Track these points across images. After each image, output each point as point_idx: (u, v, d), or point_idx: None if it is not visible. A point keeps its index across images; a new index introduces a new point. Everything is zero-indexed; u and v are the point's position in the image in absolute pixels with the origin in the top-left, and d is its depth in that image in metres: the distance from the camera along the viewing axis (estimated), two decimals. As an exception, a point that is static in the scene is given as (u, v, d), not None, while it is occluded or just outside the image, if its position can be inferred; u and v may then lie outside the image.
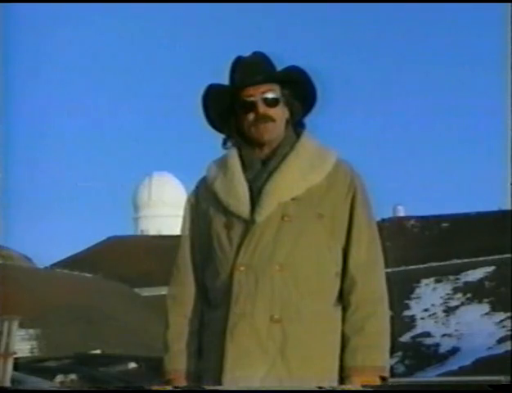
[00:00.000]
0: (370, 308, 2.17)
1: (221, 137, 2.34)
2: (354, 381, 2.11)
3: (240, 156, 2.26)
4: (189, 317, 2.26)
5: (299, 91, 2.27)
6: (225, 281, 2.15)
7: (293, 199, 2.17)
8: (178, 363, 2.24)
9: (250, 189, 2.20)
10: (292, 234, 2.14)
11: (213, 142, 2.35)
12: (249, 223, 2.15)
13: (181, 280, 2.30)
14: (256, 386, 2.06)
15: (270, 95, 2.22)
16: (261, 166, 2.23)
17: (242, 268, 2.12)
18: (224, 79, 2.28)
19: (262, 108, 2.21)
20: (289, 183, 2.18)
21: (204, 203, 2.29)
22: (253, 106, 2.21)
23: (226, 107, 2.26)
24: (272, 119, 2.21)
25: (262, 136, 2.22)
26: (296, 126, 2.30)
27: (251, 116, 2.22)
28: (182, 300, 2.28)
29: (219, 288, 2.17)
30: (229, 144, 2.31)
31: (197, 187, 2.35)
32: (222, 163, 2.29)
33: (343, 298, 2.21)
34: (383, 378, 2.14)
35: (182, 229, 2.35)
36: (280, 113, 2.25)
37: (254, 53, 2.26)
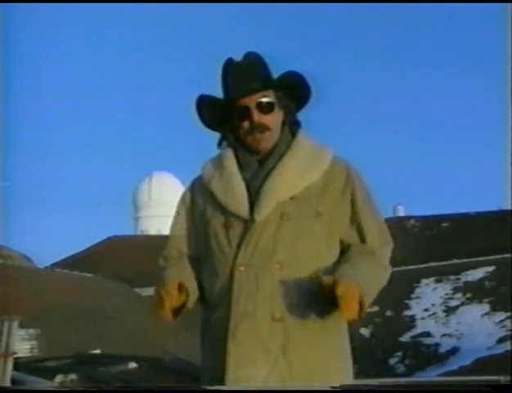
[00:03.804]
0: (372, 258, 2.17)
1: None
2: (336, 288, 1.97)
3: (236, 156, 2.25)
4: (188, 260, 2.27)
5: (294, 93, 2.24)
6: (224, 281, 2.14)
7: (291, 198, 2.16)
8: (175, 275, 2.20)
9: (248, 189, 2.18)
10: (291, 233, 2.14)
11: (212, 142, 2.34)
12: (248, 223, 2.14)
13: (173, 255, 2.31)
14: (258, 385, 2.06)
15: (264, 100, 2.19)
16: (258, 166, 2.22)
17: (242, 268, 2.11)
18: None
19: (256, 116, 2.18)
20: (288, 182, 2.17)
21: (200, 202, 2.28)
22: (247, 114, 2.18)
23: (220, 114, 2.24)
24: (268, 128, 2.19)
25: (258, 145, 2.20)
26: (291, 125, 2.28)
27: (246, 124, 2.19)
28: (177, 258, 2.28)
29: (218, 288, 2.16)
30: (224, 144, 2.29)
31: (192, 186, 2.34)
32: (218, 162, 2.27)
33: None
34: (360, 308, 2.02)
35: (172, 227, 2.33)
36: (276, 118, 2.22)
37: (247, 56, 2.22)
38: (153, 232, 62.09)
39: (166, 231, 2.39)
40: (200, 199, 2.28)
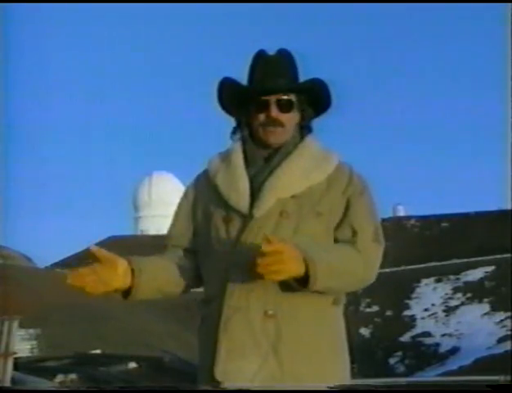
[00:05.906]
0: (346, 246, 2.14)
1: (220, 136, 2.34)
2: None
3: (244, 152, 2.26)
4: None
5: (315, 99, 2.26)
6: (221, 275, 2.14)
7: (292, 196, 2.17)
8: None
9: (251, 185, 2.19)
10: (289, 230, 2.14)
11: (212, 141, 2.35)
12: (247, 218, 2.15)
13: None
14: (249, 379, 2.04)
15: (285, 99, 2.21)
16: (263, 163, 2.23)
17: (238, 262, 2.10)
18: (223, 79, 2.27)
19: (274, 112, 2.20)
20: (290, 181, 2.18)
21: (204, 197, 2.28)
22: (265, 108, 2.20)
23: (239, 101, 2.25)
24: (282, 125, 2.21)
25: (268, 139, 2.22)
26: (303, 129, 2.30)
27: (262, 117, 2.21)
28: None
29: (215, 283, 2.17)
30: (236, 136, 2.30)
31: (197, 181, 2.35)
32: (225, 157, 2.29)
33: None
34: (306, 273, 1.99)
35: (173, 221, 2.33)
36: (292, 118, 2.24)
37: (279, 51, 2.25)
38: (153, 232, 62.09)
39: (166, 231, 2.40)
40: (205, 193, 2.28)
